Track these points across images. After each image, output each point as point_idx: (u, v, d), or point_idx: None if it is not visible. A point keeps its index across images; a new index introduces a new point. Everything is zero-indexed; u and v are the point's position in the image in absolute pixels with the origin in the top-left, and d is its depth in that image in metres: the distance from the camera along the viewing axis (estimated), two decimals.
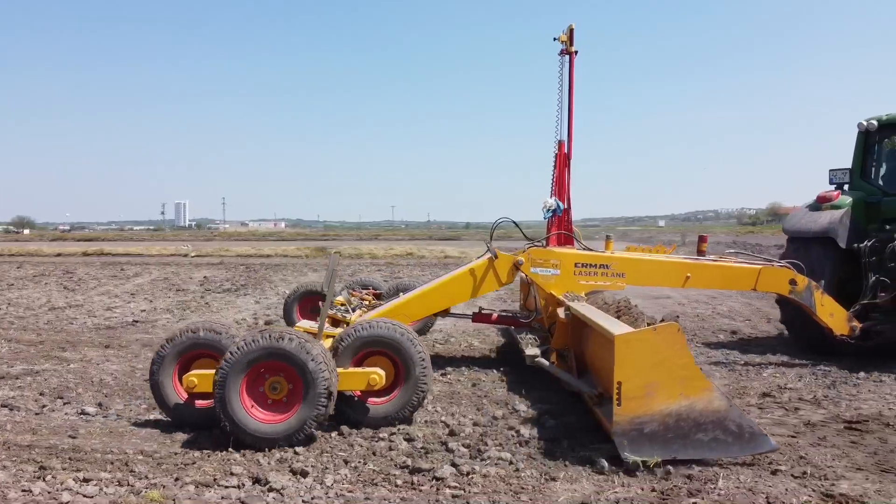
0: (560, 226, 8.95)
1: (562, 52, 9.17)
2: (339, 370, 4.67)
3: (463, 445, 4.44)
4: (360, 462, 4.17)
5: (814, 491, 3.72)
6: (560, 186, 9.38)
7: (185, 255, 30.45)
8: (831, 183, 8.55)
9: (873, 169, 8.47)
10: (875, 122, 8.25)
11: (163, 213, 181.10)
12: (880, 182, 8.41)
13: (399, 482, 3.84)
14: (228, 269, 22.59)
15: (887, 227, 7.78)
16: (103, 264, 24.94)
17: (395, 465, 4.11)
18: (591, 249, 6.96)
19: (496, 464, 4.14)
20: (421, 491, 3.74)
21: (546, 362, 5.59)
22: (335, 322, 6.57)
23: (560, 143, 9.32)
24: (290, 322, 8.43)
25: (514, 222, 7.22)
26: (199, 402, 4.90)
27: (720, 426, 4.13)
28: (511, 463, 4.16)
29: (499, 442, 4.58)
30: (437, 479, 3.87)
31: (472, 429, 4.84)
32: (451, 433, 4.73)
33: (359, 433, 4.73)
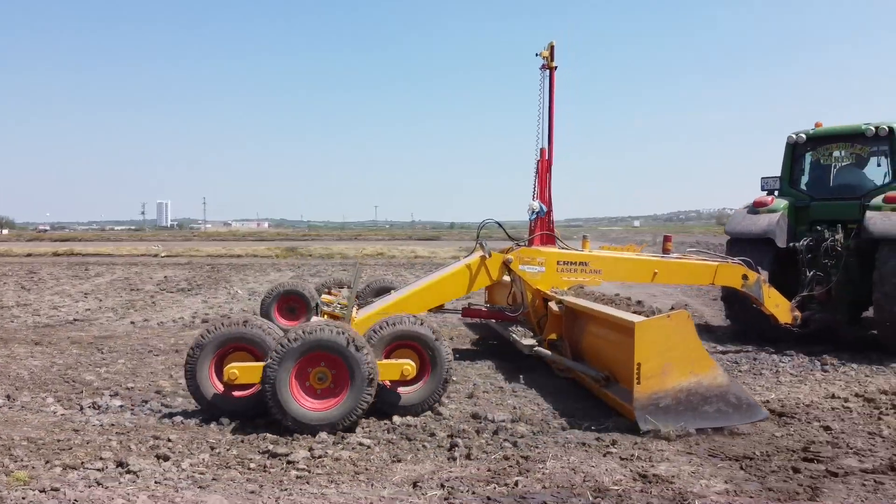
0: (543, 227, 9.46)
1: (543, 67, 9.66)
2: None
3: (334, 435, 4.73)
4: (225, 448, 4.45)
5: (631, 471, 4.04)
6: (542, 190, 9.88)
7: (156, 256, 30.53)
8: (763, 189, 9.44)
9: (800, 177, 9.40)
10: (804, 136, 9.22)
11: (143, 212, 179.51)
12: (804, 188, 9.30)
13: (252, 465, 4.13)
14: (194, 269, 22.76)
15: (818, 227, 8.60)
16: (70, 264, 25.01)
17: (258, 451, 4.40)
18: (571, 249, 7.54)
19: (353, 448, 4.44)
20: (269, 473, 4.02)
21: (547, 351, 6.30)
22: (333, 318, 6.83)
23: (542, 150, 9.82)
24: None
25: (499, 223, 7.70)
26: (237, 393, 5.13)
27: (723, 399, 4.84)
28: (369, 447, 4.46)
29: (369, 429, 4.88)
30: (290, 462, 4.16)
31: None
32: None
33: (232, 423, 5.02)
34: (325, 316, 6.33)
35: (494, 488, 3.80)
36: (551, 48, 9.48)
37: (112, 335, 9.28)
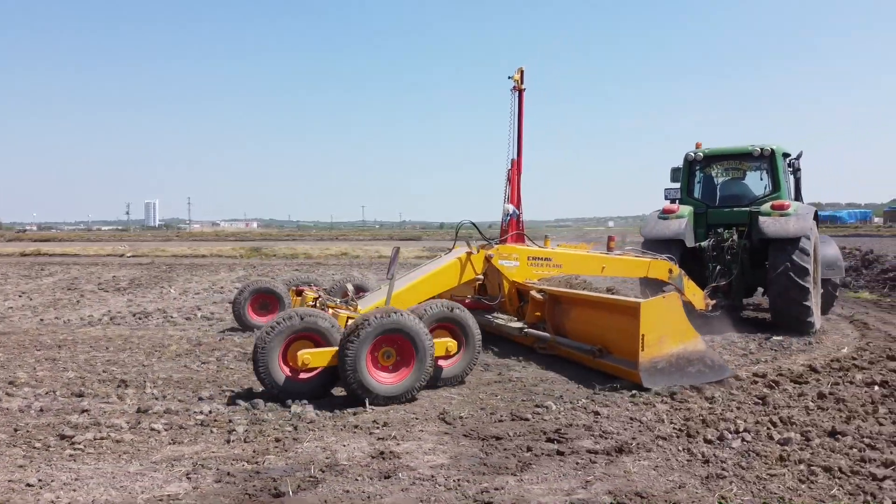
0: (514, 227, 10.22)
1: (513, 89, 10.42)
2: None
3: (132, 420, 5.17)
4: (26, 431, 4.90)
5: (375, 449, 4.50)
6: (514, 195, 10.68)
7: (121, 256, 30.92)
8: (666, 199, 10.96)
9: (696, 188, 10.97)
10: (700, 154, 10.79)
11: (127, 212, 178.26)
12: (699, 197, 10.86)
13: (38, 445, 4.58)
14: (151, 269, 23.19)
15: (718, 230, 10.21)
16: (32, 264, 25.41)
17: (54, 434, 4.84)
18: (538, 246, 8.74)
19: (142, 433, 4.88)
20: (48, 451, 4.48)
21: (539, 332, 7.53)
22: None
23: (513, 161, 10.59)
24: (240, 319, 9.39)
25: (474, 224, 8.59)
26: (303, 376, 5.73)
27: (702, 361, 6.23)
28: (158, 432, 4.90)
29: (175, 416, 5.31)
30: (73, 443, 4.61)
31: (174, 405, 5.59)
32: (143, 410, 5.47)
33: (48, 411, 5.47)
34: (331, 310, 6.76)
35: (243, 466, 4.26)
36: (521, 73, 10.41)
37: (13, 332, 9.73)
